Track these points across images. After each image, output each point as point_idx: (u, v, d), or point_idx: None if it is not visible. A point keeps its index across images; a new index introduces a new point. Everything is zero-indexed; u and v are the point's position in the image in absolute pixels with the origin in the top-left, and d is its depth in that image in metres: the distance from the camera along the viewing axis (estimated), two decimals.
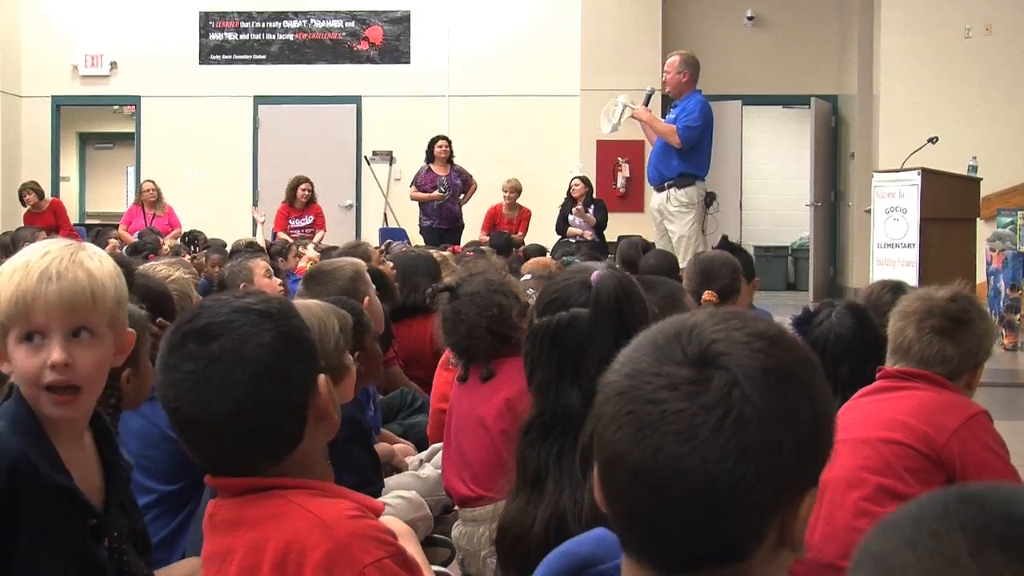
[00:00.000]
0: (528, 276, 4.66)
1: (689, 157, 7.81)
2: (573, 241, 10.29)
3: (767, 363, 1.01)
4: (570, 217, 11.02)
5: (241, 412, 1.58)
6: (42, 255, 1.76)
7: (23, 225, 11.59)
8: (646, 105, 8.11)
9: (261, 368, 1.59)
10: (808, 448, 1.02)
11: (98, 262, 1.80)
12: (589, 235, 10.82)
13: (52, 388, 1.74)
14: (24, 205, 11.89)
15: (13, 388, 1.82)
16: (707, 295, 4.03)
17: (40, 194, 11.93)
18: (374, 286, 3.91)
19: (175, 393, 1.60)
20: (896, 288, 3.40)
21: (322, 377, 1.67)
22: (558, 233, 11.00)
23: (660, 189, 7.94)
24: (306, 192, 11.32)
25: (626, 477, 1.01)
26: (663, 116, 8.38)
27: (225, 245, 8.28)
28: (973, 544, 0.73)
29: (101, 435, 1.91)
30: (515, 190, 11.52)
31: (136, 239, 10.04)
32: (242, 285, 4.43)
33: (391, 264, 5.21)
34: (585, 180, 11.33)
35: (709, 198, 7.90)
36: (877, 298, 3.36)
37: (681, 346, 1.02)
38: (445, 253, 6.71)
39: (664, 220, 7.88)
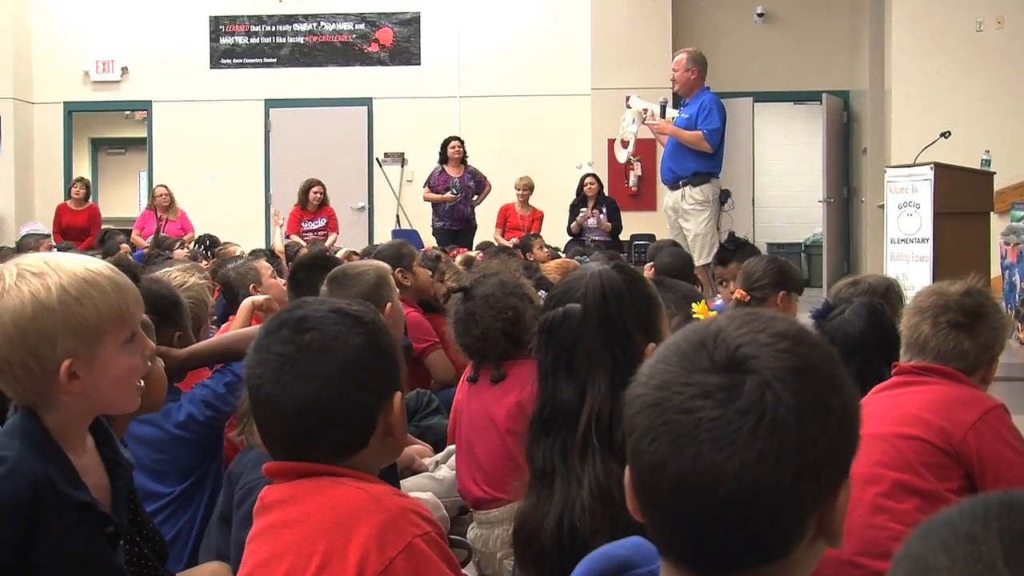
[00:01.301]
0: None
1: (703, 156, 7.81)
2: (588, 242, 10.24)
3: (794, 362, 1.02)
4: (580, 217, 10.97)
5: (317, 400, 1.66)
6: (95, 265, 1.84)
7: (56, 215, 12.30)
8: (663, 116, 8.10)
9: (344, 365, 1.68)
10: (840, 441, 1.04)
11: None
12: (587, 226, 10.77)
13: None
14: (69, 197, 12.45)
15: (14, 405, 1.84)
16: (738, 293, 4.07)
17: (88, 193, 12.60)
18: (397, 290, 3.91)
19: (261, 371, 1.70)
20: (853, 282, 3.55)
21: (398, 395, 1.74)
22: (569, 234, 10.97)
23: (675, 188, 7.93)
24: (318, 195, 11.31)
25: (666, 487, 1.01)
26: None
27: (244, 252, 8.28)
28: (1009, 551, 0.73)
29: (100, 436, 1.93)
30: (528, 188, 11.50)
31: (148, 245, 10.10)
32: (252, 287, 4.42)
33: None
34: (596, 178, 11.31)
35: (724, 196, 7.90)
36: (838, 293, 3.42)
37: (708, 353, 1.03)
38: (464, 257, 6.72)
39: (679, 218, 7.87)
